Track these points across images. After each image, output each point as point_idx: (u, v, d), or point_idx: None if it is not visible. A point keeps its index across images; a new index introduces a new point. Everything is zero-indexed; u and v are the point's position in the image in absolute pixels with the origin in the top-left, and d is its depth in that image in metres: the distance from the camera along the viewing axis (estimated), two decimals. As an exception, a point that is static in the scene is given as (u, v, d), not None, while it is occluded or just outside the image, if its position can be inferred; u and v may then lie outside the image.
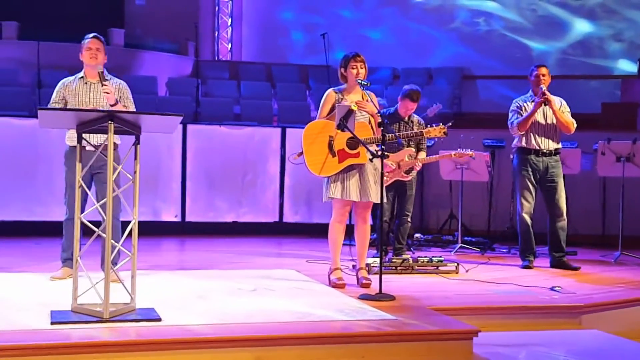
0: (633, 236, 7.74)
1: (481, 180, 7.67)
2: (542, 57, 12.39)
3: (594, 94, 11.43)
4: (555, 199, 6.23)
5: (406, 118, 6.33)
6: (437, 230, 8.49)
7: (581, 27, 12.51)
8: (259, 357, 3.59)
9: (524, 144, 6.26)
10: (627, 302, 4.99)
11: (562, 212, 6.25)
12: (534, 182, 6.25)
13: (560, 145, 6.29)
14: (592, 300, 4.85)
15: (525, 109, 6.21)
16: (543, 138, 6.21)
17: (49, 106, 5.00)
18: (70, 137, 5.02)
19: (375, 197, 4.99)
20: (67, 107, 4.98)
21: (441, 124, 5.42)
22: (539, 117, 6.20)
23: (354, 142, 4.95)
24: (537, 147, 6.21)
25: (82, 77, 5.09)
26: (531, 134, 6.21)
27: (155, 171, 8.03)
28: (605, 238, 8.10)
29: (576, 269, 6.19)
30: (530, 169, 6.24)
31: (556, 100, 6.27)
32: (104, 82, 4.82)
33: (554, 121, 6.20)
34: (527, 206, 6.25)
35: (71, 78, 5.12)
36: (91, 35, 5.06)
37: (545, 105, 6.16)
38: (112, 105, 4.84)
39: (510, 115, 6.31)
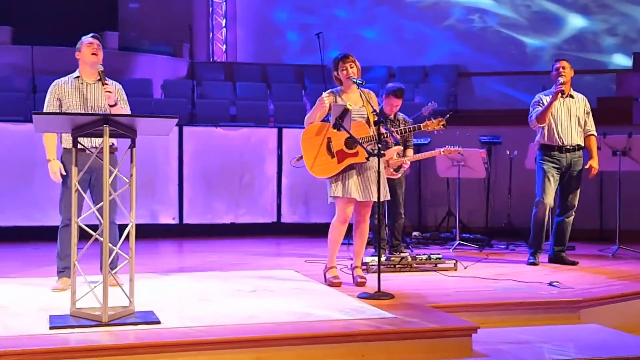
0: (630, 230, 7.74)
1: (478, 177, 7.67)
2: (537, 53, 12.41)
3: (589, 89, 11.33)
4: (571, 194, 6.21)
5: (392, 116, 6.33)
6: (435, 228, 8.49)
7: (575, 22, 12.52)
8: (258, 358, 3.59)
9: (546, 140, 6.22)
10: (625, 295, 5.00)
11: (574, 207, 6.24)
12: (556, 178, 6.20)
13: (582, 142, 6.24)
14: (591, 295, 4.86)
15: (545, 102, 6.18)
16: (566, 134, 6.16)
17: (44, 110, 4.89)
18: (66, 140, 4.88)
19: (376, 196, 4.99)
20: (62, 108, 4.83)
21: (440, 117, 5.43)
22: (561, 112, 6.17)
23: (351, 142, 4.95)
24: (560, 143, 6.17)
25: (77, 76, 4.92)
26: (554, 130, 6.16)
27: (152, 174, 8.02)
28: (603, 232, 8.10)
29: (574, 263, 6.19)
30: (552, 165, 6.18)
31: (579, 98, 6.27)
32: (105, 82, 4.72)
33: (577, 116, 6.19)
34: (545, 203, 6.20)
35: (64, 79, 4.94)
36: (90, 35, 4.95)
37: (562, 97, 6.14)
38: (111, 106, 4.73)
39: (530, 109, 6.29)
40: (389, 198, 5.15)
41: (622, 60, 12.23)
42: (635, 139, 6.94)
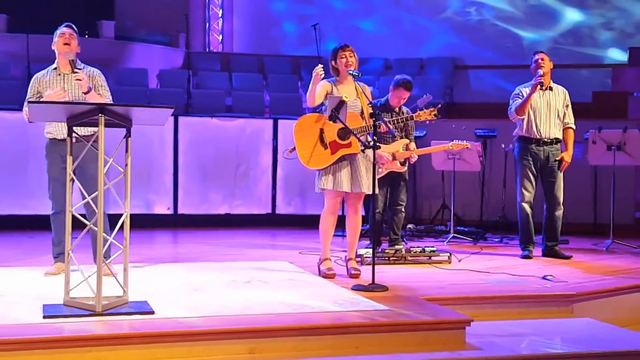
0: (624, 224, 7.77)
1: (473, 171, 7.68)
2: (533, 46, 12.39)
3: (584, 83, 11.44)
4: (554, 188, 6.23)
5: (397, 109, 6.32)
6: (430, 221, 8.50)
7: (572, 16, 12.52)
8: (252, 349, 3.60)
9: (524, 132, 6.23)
10: (618, 289, 5.01)
11: (560, 201, 6.25)
12: (534, 171, 6.23)
13: (561, 134, 6.28)
14: (584, 289, 4.88)
15: (525, 94, 6.19)
16: (544, 126, 6.19)
17: (25, 103, 4.93)
18: (50, 132, 4.96)
19: (366, 188, 4.99)
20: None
21: (432, 106, 5.43)
22: (540, 104, 6.18)
23: (344, 133, 4.95)
24: (538, 136, 6.19)
25: (55, 68, 4.99)
26: (532, 122, 6.18)
27: (147, 164, 8.01)
28: (597, 227, 8.12)
29: (568, 257, 6.21)
30: (530, 158, 6.21)
31: (560, 91, 6.28)
32: (75, 69, 4.75)
33: (557, 109, 6.21)
34: (527, 196, 6.23)
35: (43, 71, 5.02)
36: (64, 24, 4.98)
37: (541, 89, 6.15)
38: (85, 93, 4.77)
39: (510, 102, 6.30)
40: (376, 191, 5.13)
41: (618, 55, 12.24)
42: (630, 134, 6.96)
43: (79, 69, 4.82)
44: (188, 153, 8.27)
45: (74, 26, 4.99)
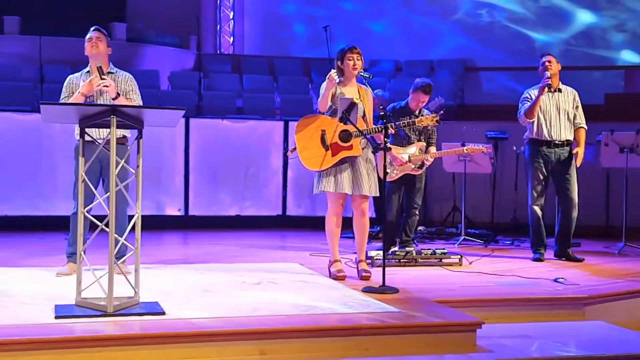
0: (637, 227, 7.71)
1: (484, 173, 7.66)
2: (545, 48, 12.35)
3: (597, 85, 11.39)
4: (569, 189, 6.19)
5: (417, 112, 6.28)
6: (441, 223, 8.48)
7: (584, 17, 12.48)
8: (263, 350, 3.60)
9: (535, 135, 6.21)
10: (630, 293, 4.99)
11: (575, 202, 6.20)
12: (545, 173, 6.20)
13: (572, 136, 6.25)
14: (596, 292, 4.85)
15: (533, 97, 6.17)
16: (554, 129, 6.16)
17: (60, 101, 4.99)
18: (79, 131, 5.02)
19: (368, 190, 4.98)
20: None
21: (433, 112, 5.44)
22: (550, 107, 6.16)
23: (346, 135, 4.94)
24: (549, 138, 6.17)
25: (88, 71, 5.09)
26: (542, 125, 6.16)
27: (158, 165, 8.03)
28: (609, 229, 8.08)
29: (580, 260, 6.18)
30: (541, 161, 6.18)
31: (569, 92, 6.25)
32: (102, 77, 4.84)
33: (566, 110, 6.18)
34: (538, 198, 6.21)
35: (77, 74, 5.13)
36: (92, 28, 5.08)
37: (549, 91, 6.13)
38: (113, 99, 4.86)
39: (519, 105, 6.28)
40: (377, 194, 5.12)
41: (630, 57, 12.19)
42: (642, 136, 6.92)
43: (111, 72, 4.99)
44: (199, 154, 8.29)
45: (101, 29, 5.09)
